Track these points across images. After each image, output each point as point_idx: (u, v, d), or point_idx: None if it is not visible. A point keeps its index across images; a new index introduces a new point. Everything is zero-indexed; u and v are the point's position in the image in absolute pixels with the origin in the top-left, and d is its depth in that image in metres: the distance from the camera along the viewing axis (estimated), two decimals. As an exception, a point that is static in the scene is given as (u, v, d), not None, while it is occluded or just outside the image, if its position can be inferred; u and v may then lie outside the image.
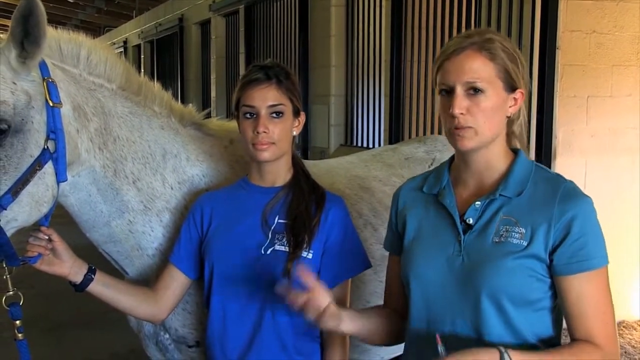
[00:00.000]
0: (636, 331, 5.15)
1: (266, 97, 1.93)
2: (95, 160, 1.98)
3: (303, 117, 2.03)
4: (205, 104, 12.42)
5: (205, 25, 12.89)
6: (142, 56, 17.53)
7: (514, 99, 1.65)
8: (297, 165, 2.06)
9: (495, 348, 1.47)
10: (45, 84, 1.79)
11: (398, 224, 1.82)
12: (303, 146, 8.25)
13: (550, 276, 1.57)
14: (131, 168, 2.07)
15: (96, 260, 2.08)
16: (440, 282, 1.65)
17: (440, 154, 3.00)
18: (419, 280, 1.69)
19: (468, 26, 5.19)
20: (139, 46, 17.92)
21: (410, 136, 6.61)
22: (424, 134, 6.39)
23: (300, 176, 2.04)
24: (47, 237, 1.87)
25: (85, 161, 1.95)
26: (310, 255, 1.92)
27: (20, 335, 1.87)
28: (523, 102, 1.70)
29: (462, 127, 1.60)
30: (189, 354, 2.25)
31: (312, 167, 2.19)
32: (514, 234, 1.58)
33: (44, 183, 1.79)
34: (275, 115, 1.93)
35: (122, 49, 19.19)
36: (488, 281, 1.57)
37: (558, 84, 4.80)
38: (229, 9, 11.17)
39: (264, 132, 1.90)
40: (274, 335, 1.93)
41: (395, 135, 6.76)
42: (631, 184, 5.18)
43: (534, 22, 4.58)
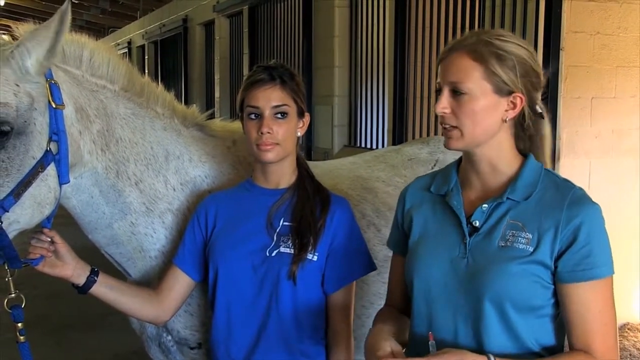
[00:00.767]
0: (640, 333, 5.14)
1: (270, 97, 1.92)
2: (97, 161, 1.98)
3: (307, 118, 2.02)
4: (209, 104, 12.42)
5: (209, 26, 12.89)
6: (146, 57, 17.54)
7: (511, 102, 1.60)
8: (301, 166, 2.05)
9: (484, 355, 1.47)
10: (47, 85, 1.79)
11: (404, 222, 1.81)
12: (306, 147, 8.24)
13: (554, 283, 1.55)
14: (133, 169, 2.06)
15: (99, 262, 2.07)
16: (443, 283, 1.63)
17: (443, 155, 2.99)
18: (422, 280, 1.68)
19: (472, 27, 5.18)
20: (143, 47, 17.94)
21: (414, 137, 6.60)
22: (428, 135, 6.38)
23: (305, 178, 2.03)
24: (49, 239, 1.87)
25: (87, 163, 1.95)
26: (315, 258, 1.92)
27: (22, 337, 1.86)
28: (547, 117, 1.68)
29: (448, 127, 1.62)
30: (191, 355, 2.25)
31: (315, 168, 2.19)
32: (520, 239, 1.56)
33: (46, 185, 1.78)
34: (279, 116, 1.92)
35: (126, 50, 19.20)
36: (491, 285, 1.55)
37: (562, 85, 4.78)
38: (232, 9, 11.18)
39: (268, 132, 1.89)
40: (279, 337, 1.93)
41: (399, 136, 6.75)
42: (635, 185, 5.16)
43: (537, 24, 4.57)
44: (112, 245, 2.12)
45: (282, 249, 1.92)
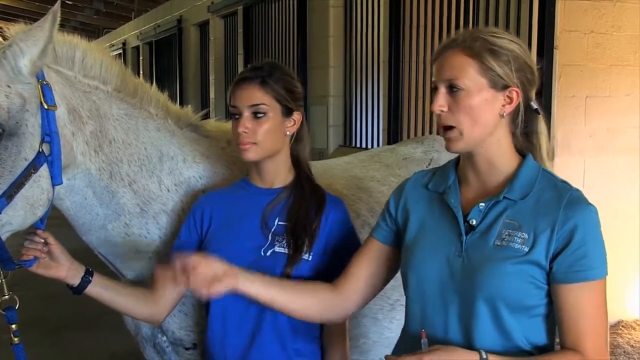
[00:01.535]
0: (635, 330, 5.15)
1: (248, 97, 1.92)
2: (90, 163, 1.97)
3: (298, 117, 2.00)
4: (204, 105, 12.40)
5: (203, 27, 12.88)
6: (141, 57, 17.51)
7: (507, 97, 1.61)
8: (300, 166, 2.04)
9: (476, 351, 1.47)
10: (39, 86, 1.78)
11: (398, 215, 1.81)
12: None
13: (548, 283, 1.56)
14: (127, 170, 2.06)
15: (93, 263, 2.07)
16: (438, 280, 1.64)
17: (437, 154, 3.00)
18: (417, 277, 1.68)
19: (466, 26, 5.18)
20: (137, 48, 17.91)
21: (409, 136, 6.61)
22: (423, 134, 6.38)
23: (303, 178, 2.02)
24: (42, 241, 1.86)
25: (80, 164, 1.95)
26: (310, 258, 1.92)
27: (16, 339, 1.85)
28: (542, 114, 1.69)
29: (446, 127, 1.61)
30: (186, 356, 2.24)
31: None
32: (516, 238, 1.56)
33: (39, 186, 1.78)
34: (258, 115, 1.92)
35: (121, 51, 19.16)
36: (486, 284, 1.55)
37: (556, 84, 4.79)
38: (227, 10, 11.17)
39: (244, 131, 1.90)
40: (274, 336, 1.93)
41: (394, 136, 6.75)
42: (630, 183, 5.18)
43: (531, 23, 4.58)
44: (106, 246, 2.12)
45: (277, 249, 1.92)
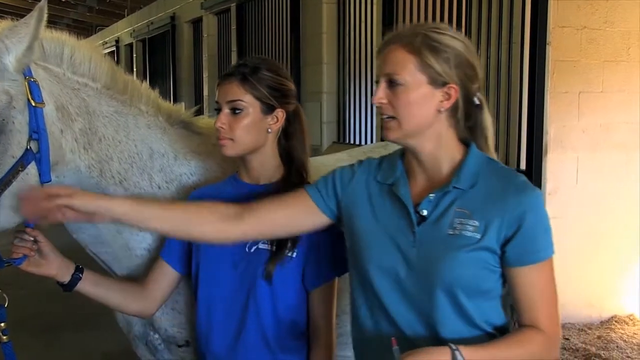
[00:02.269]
0: (628, 325, 5.17)
1: (226, 92, 1.94)
2: (80, 160, 1.96)
3: (281, 114, 1.99)
4: (198, 102, 12.39)
5: (197, 24, 12.86)
6: (135, 55, 17.46)
7: (445, 93, 1.64)
8: (291, 163, 2.03)
9: (446, 346, 1.50)
10: (27, 83, 1.77)
11: (344, 194, 1.80)
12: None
13: (502, 266, 1.63)
14: (117, 168, 2.05)
15: (84, 261, 2.06)
16: (395, 272, 1.66)
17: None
18: (374, 271, 1.70)
19: (459, 23, 5.18)
20: (131, 45, 17.86)
21: (402, 133, 6.59)
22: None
23: (293, 175, 2.01)
24: (32, 239, 1.86)
25: (70, 161, 1.93)
26: (294, 255, 1.91)
27: (5, 337, 1.86)
28: (486, 108, 1.73)
29: (386, 117, 1.66)
30: (179, 353, 2.24)
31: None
32: (468, 226, 1.61)
33: (27, 184, 1.76)
34: (236, 111, 1.93)
35: (114, 48, 19.11)
36: (442, 273, 1.60)
37: (549, 80, 4.80)
38: (220, 7, 11.15)
39: (221, 127, 1.92)
40: (258, 333, 1.93)
41: (388, 133, 6.73)
42: (623, 179, 5.19)
43: (524, 18, 4.59)
44: (97, 244, 2.11)
45: (261, 245, 1.92)
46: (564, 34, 4.91)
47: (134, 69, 16.78)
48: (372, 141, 7.32)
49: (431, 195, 1.66)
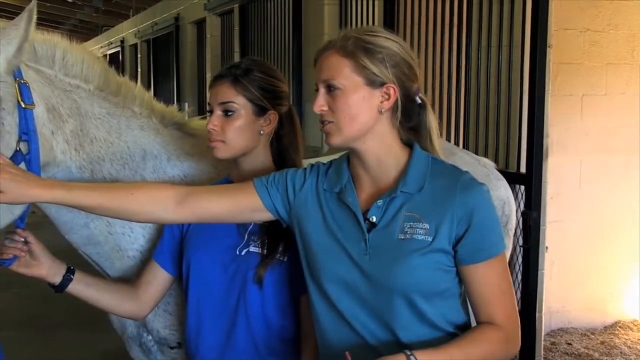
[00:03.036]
0: (632, 331, 5.12)
1: (218, 94, 1.93)
2: (71, 161, 1.96)
3: (274, 117, 1.98)
4: (201, 102, 12.39)
5: (200, 24, 12.87)
6: (139, 55, 17.50)
7: (385, 93, 1.64)
8: (283, 166, 2.01)
9: (401, 353, 1.49)
10: (17, 85, 1.76)
11: (296, 197, 1.78)
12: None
13: (456, 265, 1.63)
14: (109, 169, 2.05)
15: (76, 262, 2.05)
16: (350, 281, 1.65)
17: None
18: (329, 282, 1.68)
19: (460, 24, 5.16)
20: (135, 45, 17.90)
21: (404, 135, 6.58)
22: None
23: None
24: (22, 239, 1.86)
25: (61, 162, 1.93)
26: (285, 259, 1.90)
27: (-6, 338, 1.85)
28: (430, 107, 1.73)
29: (325, 123, 1.66)
30: (171, 355, 2.24)
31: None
32: (418, 230, 1.60)
33: None
34: (228, 113, 1.92)
35: (119, 49, 19.17)
36: (397, 279, 1.59)
37: (550, 82, 4.76)
38: (223, 8, 11.16)
39: (213, 129, 1.91)
40: (247, 336, 1.91)
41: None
42: (626, 182, 5.16)
43: (524, 21, 4.56)
44: (89, 245, 2.11)
45: (252, 249, 1.91)
46: (567, 36, 4.89)
47: (139, 69, 16.83)
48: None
49: (379, 201, 1.65)
